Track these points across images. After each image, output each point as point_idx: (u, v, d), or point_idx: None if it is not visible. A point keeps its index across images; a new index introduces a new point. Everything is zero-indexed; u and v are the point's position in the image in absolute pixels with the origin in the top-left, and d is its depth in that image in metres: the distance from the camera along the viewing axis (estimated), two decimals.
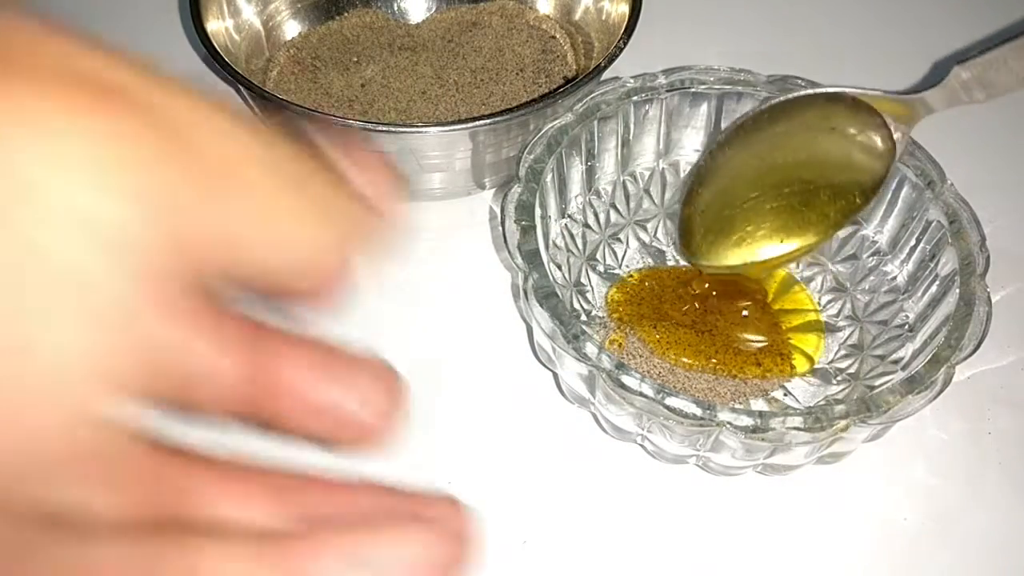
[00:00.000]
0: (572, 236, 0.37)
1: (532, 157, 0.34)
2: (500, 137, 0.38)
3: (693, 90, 0.37)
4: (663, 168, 0.39)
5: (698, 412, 0.27)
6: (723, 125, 0.38)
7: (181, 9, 0.51)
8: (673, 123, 0.38)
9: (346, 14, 0.47)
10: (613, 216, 0.39)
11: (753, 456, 0.29)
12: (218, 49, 0.39)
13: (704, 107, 0.37)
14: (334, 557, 0.15)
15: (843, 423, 0.27)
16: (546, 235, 0.34)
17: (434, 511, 0.17)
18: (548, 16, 0.47)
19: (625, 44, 0.40)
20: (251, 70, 0.43)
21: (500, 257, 0.41)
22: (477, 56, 0.45)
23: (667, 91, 0.37)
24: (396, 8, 0.48)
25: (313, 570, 0.15)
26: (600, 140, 0.37)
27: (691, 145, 0.38)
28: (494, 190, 0.43)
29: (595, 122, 0.36)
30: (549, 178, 0.34)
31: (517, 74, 0.45)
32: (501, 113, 0.36)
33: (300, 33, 0.46)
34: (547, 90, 0.44)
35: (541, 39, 0.46)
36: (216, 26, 0.41)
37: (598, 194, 0.38)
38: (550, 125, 0.35)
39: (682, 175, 0.39)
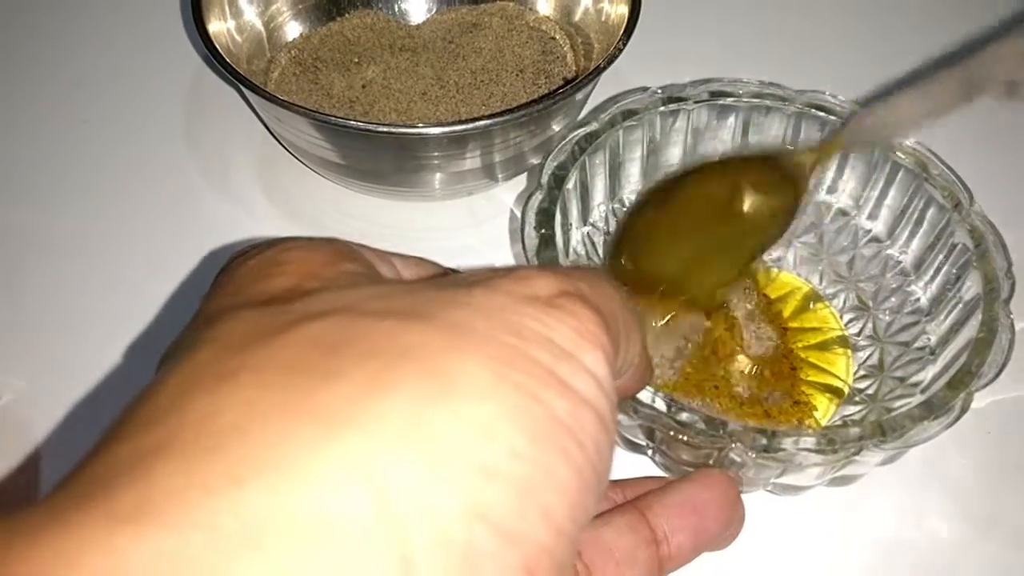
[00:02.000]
0: (593, 244, 0.37)
1: (555, 164, 0.34)
2: (500, 138, 0.38)
3: (721, 103, 0.36)
4: None
5: (708, 428, 0.27)
6: (751, 139, 0.37)
7: (183, 10, 0.51)
8: (700, 135, 0.37)
9: (347, 15, 0.47)
10: None
11: (763, 475, 0.29)
12: (219, 50, 0.40)
13: (731, 119, 0.37)
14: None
15: (857, 446, 0.27)
16: (566, 243, 0.34)
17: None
18: (548, 17, 0.47)
19: (625, 45, 0.40)
20: (252, 71, 0.43)
21: (513, 251, 0.41)
22: (477, 57, 0.45)
23: (695, 102, 0.36)
24: (397, 9, 0.48)
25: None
26: (625, 149, 0.37)
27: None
28: (495, 190, 0.43)
29: (621, 131, 0.36)
30: (571, 185, 0.34)
31: (517, 75, 0.45)
32: (501, 114, 0.36)
33: (301, 34, 0.47)
34: (547, 91, 0.44)
35: (541, 40, 0.46)
36: (218, 27, 0.42)
37: (621, 203, 0.38)
38: (575, 132, 0.35)
39: None
